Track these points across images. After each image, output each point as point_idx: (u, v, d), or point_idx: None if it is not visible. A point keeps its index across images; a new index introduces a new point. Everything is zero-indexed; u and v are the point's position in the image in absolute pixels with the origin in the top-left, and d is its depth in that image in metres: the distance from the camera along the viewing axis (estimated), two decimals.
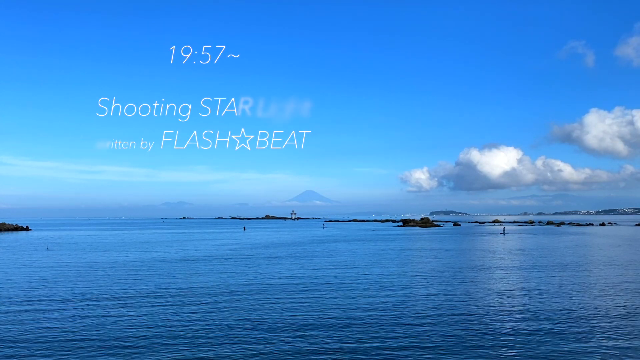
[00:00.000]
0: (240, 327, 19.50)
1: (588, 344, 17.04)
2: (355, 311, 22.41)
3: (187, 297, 26.14)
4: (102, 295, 26.82)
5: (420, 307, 23.39)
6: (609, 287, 29.24)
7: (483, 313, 21.99)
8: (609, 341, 17.43)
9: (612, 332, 18.59)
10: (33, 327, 19.69)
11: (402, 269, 39.14)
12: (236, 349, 16.67)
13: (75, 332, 19.00)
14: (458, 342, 17.39)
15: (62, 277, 34.37)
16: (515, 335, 18.25)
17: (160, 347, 16.95)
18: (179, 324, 20.06)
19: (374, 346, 16.91)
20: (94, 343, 17.42)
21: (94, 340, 17.80)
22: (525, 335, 18.13)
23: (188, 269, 39.43)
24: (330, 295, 26.77)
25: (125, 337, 18.09)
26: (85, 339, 17.98)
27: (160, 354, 16.22)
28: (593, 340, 17.58)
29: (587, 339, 17.75)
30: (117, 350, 16.64)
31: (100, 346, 17.07)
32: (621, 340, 17.50)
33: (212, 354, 16.21)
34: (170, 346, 17.03)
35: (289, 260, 46.85)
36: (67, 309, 23.29)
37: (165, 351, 16.49)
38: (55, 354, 16.32)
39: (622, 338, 17.81)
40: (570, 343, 17.19)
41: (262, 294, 27.20)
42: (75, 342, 17.62)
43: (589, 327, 19.47)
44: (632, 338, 17.83)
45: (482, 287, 29.75)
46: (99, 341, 17.64)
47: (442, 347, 16.76)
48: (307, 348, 16.78)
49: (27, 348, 16.95)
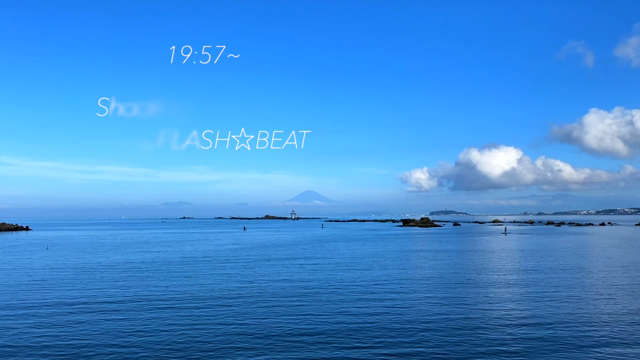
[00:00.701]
0: (233, 334, 19.17)
1: (592, 352, 16.73)
2: (354, 316, 21.96)
3: (181, 302, 25.78)
4: (96, 300, 26.34)
5: (421, 312, 23.03)
6: (616, 290, 28.90)
7: (487, 318, 21.62)
8: (614, 348, 17.11)
9: (616, 339, 18.26)
10: (20, 332, 19.35)
11: (404, 271, 38.79)
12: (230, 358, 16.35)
13: (60, 338, 18.55)
14: (461, 349, 17.06)
15: (57, 280, 34.00)
16: (521, 342, 17.86)
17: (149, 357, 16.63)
18: (167, 332, 19.73)
19: (375, 353, 16.58)
20: (80, 351, 16.94)
21: (81, 348, 17.31)
22: (531, 341, 17.74)
23: (187, 269, 39.07)
24: (328, 299, 26.42)
25: (111, 345, 17.67)
26: (68, 345, 17.56)
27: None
28: (597, 347, 17.25)
29: (593, 345, 17.41)
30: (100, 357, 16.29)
31: (88, 354, 16.70)
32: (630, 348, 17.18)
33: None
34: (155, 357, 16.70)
35: (288, 261, 46.44)
36: (61, 313, 22.90)
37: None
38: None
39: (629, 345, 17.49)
40: (574, 350, 16.88)
41: (258, 297, 26.85)
42: (59, 348, 17.22)
43: (595, 333, 19.12)
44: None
45: (485, 290, 29.38)
46: (86, 348, 17.16)
47: (444, 355, 16.45)
48: (304, 357, 16.44)
49: (13, 355, 16.59)
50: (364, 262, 44.91)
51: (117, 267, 41.84)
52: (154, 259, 48.68)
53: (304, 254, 54.20)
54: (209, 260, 47.90)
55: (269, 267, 41.08)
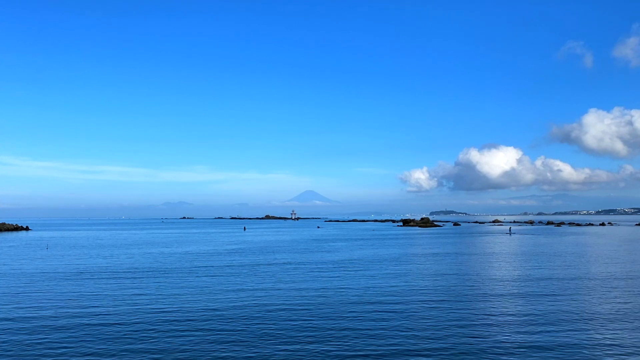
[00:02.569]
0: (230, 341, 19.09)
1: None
2: (354, 321, 21.91)
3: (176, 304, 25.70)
4: (85, 304, 26.33)
5: (426, 319, 22.96)
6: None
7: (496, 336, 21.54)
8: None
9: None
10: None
11: (408, 275, 38.70)
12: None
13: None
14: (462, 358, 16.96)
15: (53, 282, 33.93)
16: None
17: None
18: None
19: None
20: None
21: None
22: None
23: (187, 269, 39.03)
24: (326, 302, 26.34)
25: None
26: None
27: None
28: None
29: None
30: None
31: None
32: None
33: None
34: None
35: (287, 263, 46.42)
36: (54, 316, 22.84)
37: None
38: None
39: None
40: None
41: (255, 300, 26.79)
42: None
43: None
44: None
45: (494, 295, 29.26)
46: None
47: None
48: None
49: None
50: (364, 263, 44.79)
51: (111, 270, 41.68)
52: (152, 261, 48.52)
53: (302, 254, 54.05)
54: (209, 260, 47.77)
55: (267, 267, 40.97)
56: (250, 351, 16.35)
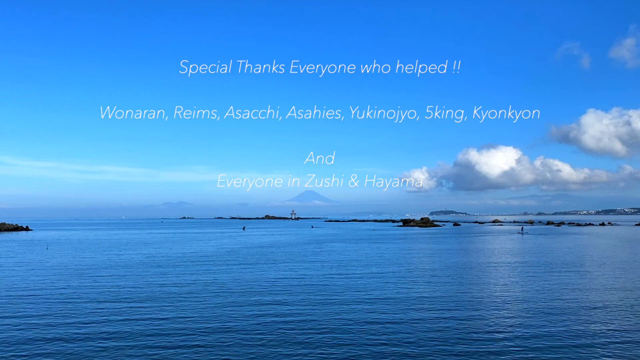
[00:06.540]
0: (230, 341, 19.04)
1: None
2: (353, 324, 21.80)
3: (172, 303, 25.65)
4: (80, 306, 26.30)
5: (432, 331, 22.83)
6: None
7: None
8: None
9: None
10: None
11: (413, 282, 38.56)
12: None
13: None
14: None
15: (50, 283, 33.89)
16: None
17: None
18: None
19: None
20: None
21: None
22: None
23: (186, 271, 38.99)
24: (324, 304, 26.27)
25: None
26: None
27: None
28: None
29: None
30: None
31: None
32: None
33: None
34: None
35: (287, 262, 46.38)
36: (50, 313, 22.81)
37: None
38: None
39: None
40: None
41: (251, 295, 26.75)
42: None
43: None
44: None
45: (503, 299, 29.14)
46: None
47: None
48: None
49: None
50: (364, 262, 44.73)
51: (109, 270, 41.64)
52: (150, 261, 48.49)
53: (302, 253, 54.00)
54: (209, 260, 47.74)
55: (267, 267, 40.94)
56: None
